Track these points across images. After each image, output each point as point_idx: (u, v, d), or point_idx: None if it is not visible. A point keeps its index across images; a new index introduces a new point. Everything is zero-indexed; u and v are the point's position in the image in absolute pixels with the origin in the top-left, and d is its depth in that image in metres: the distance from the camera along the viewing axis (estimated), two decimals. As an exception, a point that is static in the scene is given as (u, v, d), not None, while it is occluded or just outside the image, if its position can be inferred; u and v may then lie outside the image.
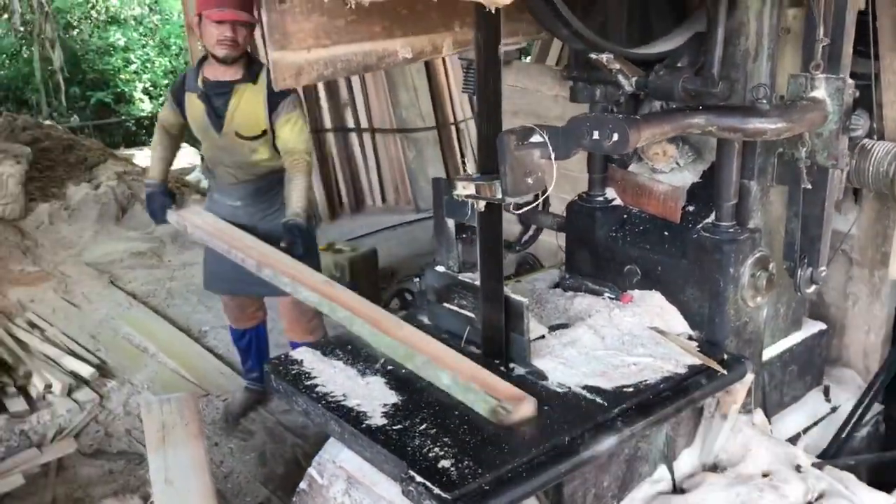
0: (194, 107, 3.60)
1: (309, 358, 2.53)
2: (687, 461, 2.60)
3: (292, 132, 3.57)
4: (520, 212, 2.54)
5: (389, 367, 2.46)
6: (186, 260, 6.31)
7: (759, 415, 2.77)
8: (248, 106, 3.53)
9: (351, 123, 7.34)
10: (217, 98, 3.54)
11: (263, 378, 3.93)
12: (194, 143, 11.42)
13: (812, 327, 3.03)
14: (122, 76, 12.64)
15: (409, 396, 2.29)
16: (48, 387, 4.20)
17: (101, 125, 12.02)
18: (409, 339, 2.46)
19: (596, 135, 2.01)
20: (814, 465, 2.56)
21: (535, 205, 2.94)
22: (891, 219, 2.88)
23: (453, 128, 7.65)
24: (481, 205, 2.28)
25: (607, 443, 2.10)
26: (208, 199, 3.96)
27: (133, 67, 12.80)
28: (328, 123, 7.21)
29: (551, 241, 3.61)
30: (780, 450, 2.60)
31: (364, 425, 2.15)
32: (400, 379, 2.39)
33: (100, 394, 4.28)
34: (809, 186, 2.41)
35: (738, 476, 2.50)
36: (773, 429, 2.83)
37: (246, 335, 4.16)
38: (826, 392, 3.06)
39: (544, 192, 3.25)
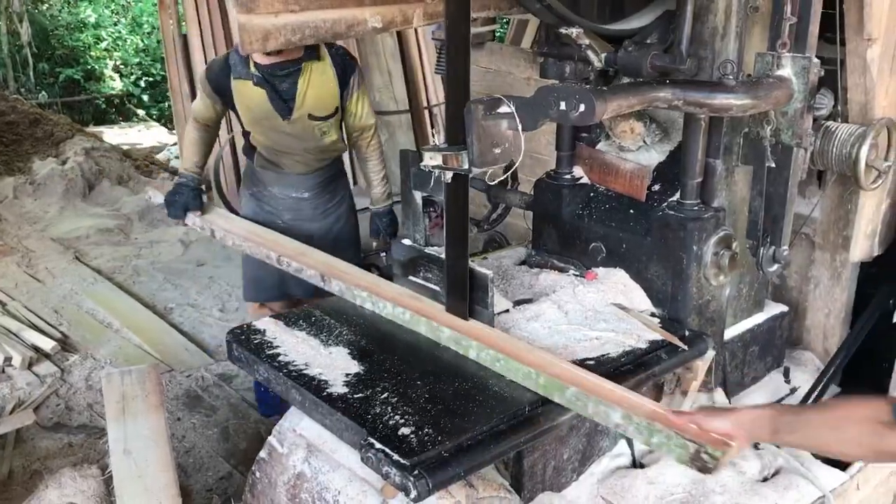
0: (250, 95, 3.28)
1: (272, 328, 2.51)
2: (647, 437, 2.62)
3: (363, 107, 3.43)
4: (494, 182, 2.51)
5: (352, 338, 2.45)
6: (153, 238, 6.24)
7: (719, 394, 2.80)
8: (319, 84, 3.29)
9: (323, 104, 7.28)
10: (281, 81, 3.25)
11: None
12: (168, 123, 11.33)
13: (774, 309, 3.06)
14: (92, 53, 12.43)
15: (371, 366, 2.29)
16: (8, 359, 4.15)
17: (70, 102, 11.82)
18: (542, 363, 2.16)
19: (563, 105, 2.01)
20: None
21: (502, 179, 2.93)
22: (853, 203, 2.91)
23: (427, 112, 7.61)
24: (448, 176, 2.27)
25: (567, 414, 2.11)
26: (253, 197, 3.59)
27: (104, 45, 12.58)
28: (300, 103, 7.14)
29: (519, 223, 3.62)
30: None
31: (325, 393, 2.14)
32: (363, 349, 2.38)
33: (61, 368, 4.23)
34: (773, 165, 2.43)
35: (697, 451, 2.52)
36: (733, 408, 2.87)
37: None
38: (786, 373, 3.10)
39: (511, 165, 3.26)
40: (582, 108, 1.99)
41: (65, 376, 4.18)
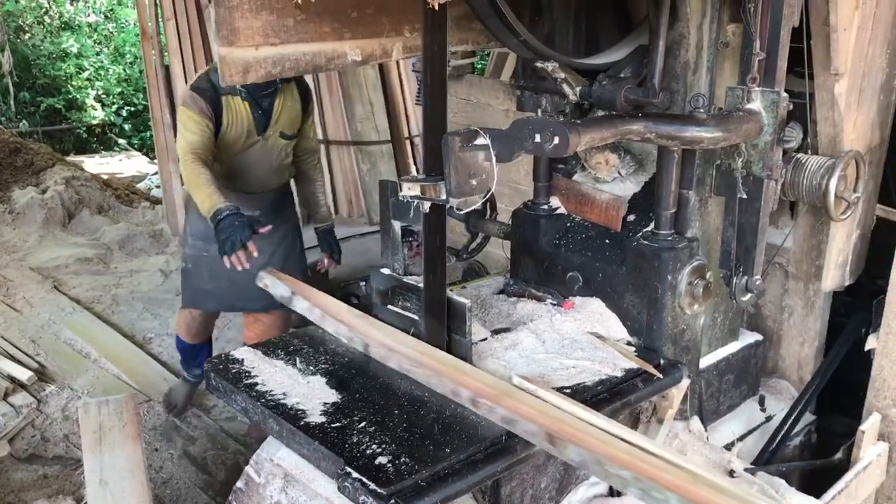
0: (237, 110, 3.42)
1: (250, 357, 2.51)
2: (624, 465, 2.64)
3: (312, 131, 3.72)
4: (463, 211, 2.54)
5: (330, 367, 2.45)
6: (133, 267, 6.22)
7: (695, 422, 2.82)
8: (290, 104, 3.58)
9: (305, 134, 7.31)
10: (263, 98, 3.47)
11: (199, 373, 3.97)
12: (149, 152, 11.31)
13: (749, 338, 3.10)
14: (73, 83, 12.43)
15: (349, 395, 2.30)
16: (-17, 390, 4.10)
17: (51, 131, 11.80)
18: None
19: (538, 138, 2.05)
20: (746, 470, 2.61)
21: (478, 207, 2.95)
22: (824, 233, 2.97)
23: (408, 142, 7.67)
24: (426, 206, 2.30)
25: (543, 442, 2.12)
26: (201, 216, 3.30)
27: (86, 74, 12.60)
28: (282, 134, 7.18)
29: (499, 253, 3.66)
30: (715, 455, 2.66)
31: (302, 423, 2.14)
32: (341, 378, 2.39)
33: (38, 398, 4.19)
34: (745, 196, 2.48)
35: (673, 480, 2.54)
36: (709, 436, 2.89)
37: (201, 350, 4.05)
38: (761, 402, 3.14)
39: (488, 192, 3.30)
40: (556, 140, 2.03)
41: (41, 407, 4.15)
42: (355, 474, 1.92)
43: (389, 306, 2.66)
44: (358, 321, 2.52)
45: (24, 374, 4.32)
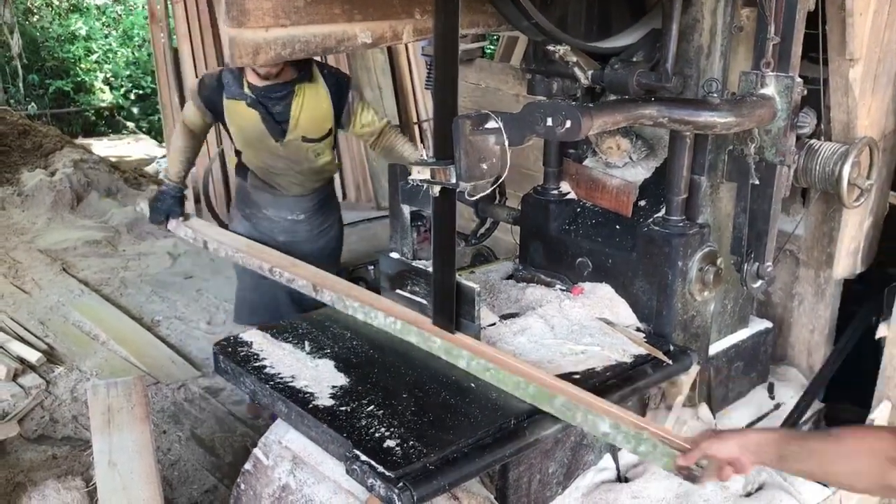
0: (243, 116, 3.26)
1: (258, 340, 2.52)
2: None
3: (371, 115, 3.41)
4: (474, 198, 2.52)
5: (339, 351, 2.45)
6: (141, 250, 6.22)
7: (703, 409, 2.81)
8: (312, 106, 3.27)
9: (314, 119, 7.30)
10: (275, 103, 3.23)
11: None
12: (157, 135, 11.32)
13: (758, 325, 3.09)
14: (82, 65, 12.43)
15: (357, 379, 2.30)
16: (-8, 371, 4.12)
17: (59, 114, 11.80)
18: (531, 373, 2.20)
19: (549, 121, 2.04)
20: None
21: (488, 192, 2.93)
22: (836, 220, 2.95)
23: (416, 127, 7.64)
24: (436, 190, 2.29)
25: (552, 427, 2.12)
26: (245, 218, 3.56)
27: (94, 57, 12.58)
28: (291, 118, 7.16)
29: (508, 239, 3.64)
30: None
31: (311, 406, 2.15)
32: (349, 362, 2.39)
33: (46, 380, 4.20)
34: (757, 182, 2.46)
35: (681, 466, 2.54)
36: (718, 423, 2.88)
37: None
38: (770, 389, 3.12)
39: (499, 179, 3.29)
40: (568, 124, 2.01)
41: (50, 388, 4.16)
42: (364, 457, 1.92)
43: (398, 290, 2.65)
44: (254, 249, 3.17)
45: (33, 356, 4.33)
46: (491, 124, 2.13)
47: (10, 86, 11.48)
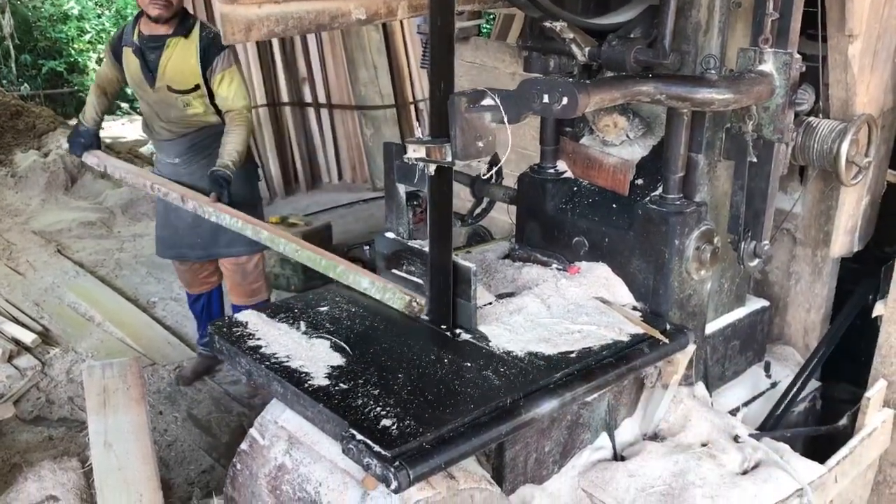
0: (130, 61, 3.70)
1: (253, 320, 2.50)
2: (628, 430, 2.64)
3: (230, 89, 3.66)
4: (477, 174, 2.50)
5: (335, 330, 2.44)
6: (136, 231, 6.21)
7: (700, 388, 2.81)
8: (179, 59, 3.62)
9: (308, 98, 7.26)
10: (150, 52, 3.64)
11: None
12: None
13: (755, 304, 3.08)
14: (75, 45, 12.32)
15: (353, 358, 2.28)
16: (-12, 353, 4.11)
17: (52, 94, 11.71)
18: (329, 255, 2.77)
19: (546, 98, 2.01)
20: (751, 436, 2.61)
21: (488, 176, 2.92)
22: (834, 199, 2.94)
23: (412, 107, 7.61)
24: (431, 169, 2.27)
25: (548, 406, 2.11)
26: (155, 164, 4.08)
27: (87, 37, 12.47)
28: (285, 97, 7.12)
29: (504, 219, 3.62)
30: (720, 421, 2.65)
31: (307, 385, 2.13)
32: (345, 341, 2.37)
33: (42, 361, 4.20)
34: (755, 160, 2.44)
35: (678, 445, 2.55)
36: (714, 402, 2.88)
37: (200, 300, 4.22)
38: (767, 368, 3.13)
39: (497, 160, 3.27)
40: (565, 101, 1.99)
41: (45, 369, 4.16)
42: (359, 436, 1.91)
43: (394, 270, 2.64)
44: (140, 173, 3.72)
45: (28, 337, 4.33)
46: (487, 101, 2.11)
47: (3, 66, 11.39)
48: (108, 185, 7.02)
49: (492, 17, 7.52)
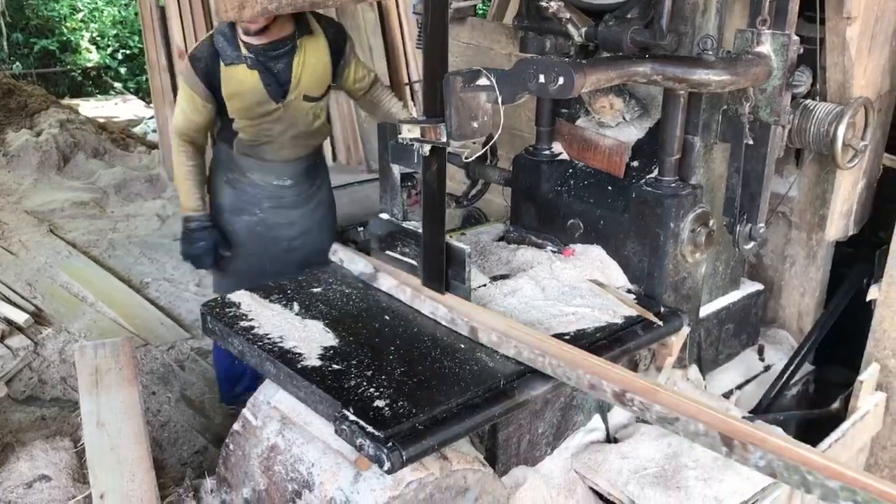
0: (242, 80, 3.00)
1: (247, 301, 2.49)
2: (621, 412, 2.63)
3: (362, 67, 3.26)
4: (468, 160, 2.47)
5: (328, 311, 2.43)
6: (130, 211, 6.17)
7: (693, 370, 2.82)
8: (314, 61, 3.07)
9: (303, 79, 7.20)
10: (276, 62, 3.00)
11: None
12: (145, 96, 11.15)
13: (749, 287, 3.08)
14: (67, 24, 12.21)
15: (347, 339, 2.28)
16: (-20, 333, 4.09)
17: (45, 74, 11.62)
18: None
19: (542, 78, 1.99)
20: (744, 418, 2.61)
21: (480, 154, 2.87)
22: (830, 182, 2.93)
23: (407, 88, 7.55)
24: (426, 149, 2.26)
25: (542, 388, 2.12)
26: (228, 184, 3.28)
27: (80, 16, 12.36)
28: (280, 78, 7.06)
29: (499, 201, 3.61)
30: (713, 403, 2.63)
31: (299, 366, 2.13)
32: (338, 322, 2.37)
33: (34, 341, 4.17)
34: (751, 143, 2.43)
35: (671, 427, 2.54)
36: (708, 385, 2.89)
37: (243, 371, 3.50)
38: (760, 351, 3.13)
39: (491, 139, 3.25)
40: (561, 80, 1.97)
41: (38, 349, 4.13)
42: (352, 416, 1.91)
43: (388, 252, 2.63)
44: (454, 303, 2.39)
45: (20, 317, 4.30)
46: (482, 81, 2.09)
47: (-5, 45, 11.30)
48: (101, 164, 6.97)
49: (488, -2, 7.47)
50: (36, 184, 6.50)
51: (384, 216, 2.63)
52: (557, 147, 2.91)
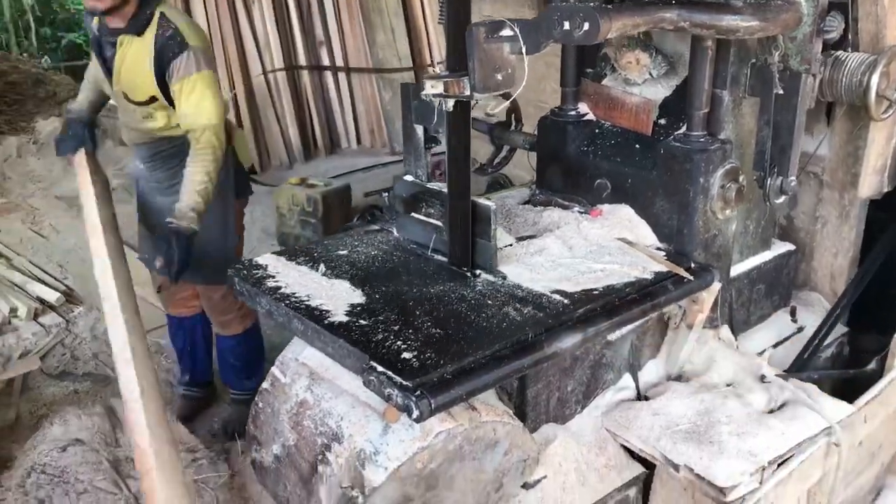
0: (93, 53, 3.07)
1: (273, 262, 2.49)
2: (652, 371, 2.61)
3: (188, 101, 2.84)
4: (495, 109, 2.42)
5: (355, 272, 2.43)
6: (157, 196, 6.22)
7: (725, 330, 2.77)
8: (133, 64, 2.87)
9: (326, 62, 7.21)
10: (108, 48, 2.92)
11: (197, 380, 3.62)
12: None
13: (781, 247, 3.03)
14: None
15: (373, 297, 2.27)
16: (13, 310, 4.15)
17: (72, 66, 11.73)
18: None
19: (566, 25, 1.97)
20: (777, 376, 2.57)
21: (502, 109, 2.79)
22: (862, 139, 2.86)
23: (430, 69, 7.53)
24: (449, 104, 2.23)
25: (571, 340, 2.09)
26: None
27: (106, 9, 12.47)
28: (303, 61, 7.08)
29: (523, 174, 3.58)
30: (745, 362, 2.62)
31: (327, 322, 2.12)
32: (365, 282, 2.36)
33: (66, 319, 4.23)
34: (782, 92, 2.38)
35: (703, 385, 2.52)
36: (739, 346, 2.84)
37: (182, 329, 3.55)
38: (793, 313, 3.07)
39: (516, 107, 3.23)
40: (586, 26, 1.94)
41: (70, 327, 4.19)
42: (380, 368, 1.90)
43: (413, 214, 2.62)
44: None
45: (52, 296, 4.36)
46: (506, 32, 2.06)
47: (23, 39, 11.41)
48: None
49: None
50: (66, 170, 6.55)
51: (408, 178, 2.61)
52: (583, 107, 2.87)
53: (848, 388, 2.89)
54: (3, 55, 8.51)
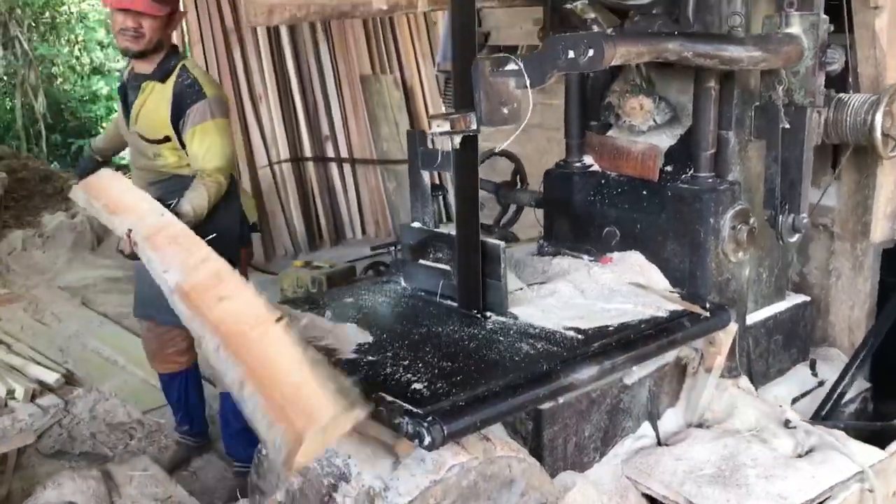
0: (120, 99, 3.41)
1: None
2: (671, 420, 2.51)
3: (201, 146, 3.04)
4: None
5: (361, 317, 2.37)
6: (161, 285, 6.19)
7: (744, 380, 2.68)
8: (152, 106, 3.15)
9: (331, 154, 7.33)
10: (132, 93, 3.23)
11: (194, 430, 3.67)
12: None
13: (796, 299, 2.97)
14: (104, 124, 12.63)
15: (381, 337, 2.21)
16: (10, 392, 4.05)
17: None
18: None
19: (571, 53, 1.98)
20: (804, 421, 2.46)
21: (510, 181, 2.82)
22: (870, 187, 2.85)
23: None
24: (456, 142, 2.23)
25: (587, 372, 2.02)
26: None
27: (115, 116, 12.80)
28: (308, 152, 7.19)
29: (531, 233, 3.55)
30: (768, 408, 2.52)
31: (333, 359, 2.05)
32: (373, 324, 2.30)
33: (65, 400, 4.12)
34: (788, 127, 2.38)
35: (725, 430, 2.41)
36: (760, 396, 2.74)
37: (175, 384, 3.61)
38: (812, 366, 2.98)
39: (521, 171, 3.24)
40: (591, 52, 1.95)
41: (68, 408, 4.08)
42: (389, 398, 1.82)
43: (421, 261, 2.58)
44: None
45: (51, 377, 4.27)
46: (511, 66, 2.08)
47: (34, 146, 11.67)
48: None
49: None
50: (70, 262, 6.57)
51: (416, 224, 2.59)
52: (588, 160, 2.88)
53: (875, 441, 2.77)
54: (13, 153, 8.65)
